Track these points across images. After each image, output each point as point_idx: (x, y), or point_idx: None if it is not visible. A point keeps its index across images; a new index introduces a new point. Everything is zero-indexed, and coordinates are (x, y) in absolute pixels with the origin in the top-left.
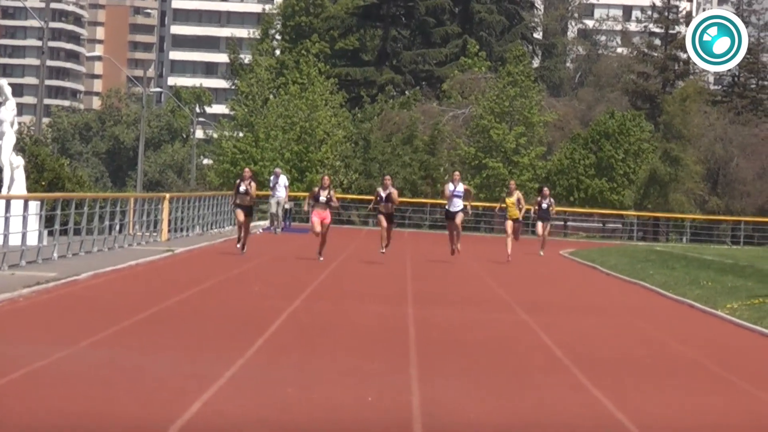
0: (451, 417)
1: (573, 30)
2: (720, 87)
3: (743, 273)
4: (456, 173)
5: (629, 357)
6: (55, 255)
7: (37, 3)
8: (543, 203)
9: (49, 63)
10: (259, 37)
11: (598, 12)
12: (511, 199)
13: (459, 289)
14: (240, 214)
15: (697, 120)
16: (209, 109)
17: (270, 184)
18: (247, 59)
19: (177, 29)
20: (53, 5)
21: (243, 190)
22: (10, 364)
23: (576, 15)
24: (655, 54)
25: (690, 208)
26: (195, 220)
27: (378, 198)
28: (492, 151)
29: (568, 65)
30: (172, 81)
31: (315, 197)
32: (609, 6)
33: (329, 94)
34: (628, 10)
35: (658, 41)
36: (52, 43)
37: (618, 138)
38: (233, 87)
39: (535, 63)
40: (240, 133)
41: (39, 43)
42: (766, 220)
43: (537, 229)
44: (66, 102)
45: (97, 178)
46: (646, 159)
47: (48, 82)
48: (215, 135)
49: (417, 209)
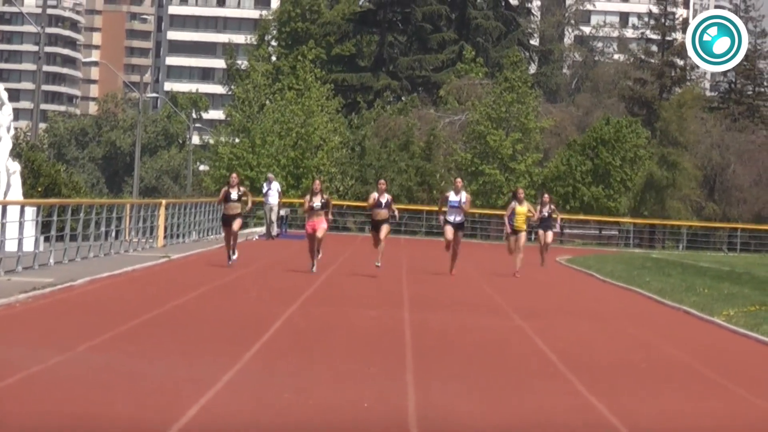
0: (447, 421)
1: (570, 36)
2: (717, 93)
3: (740, 280)
4: (458, 180)
5: (625, 362)
6: (52, 261)
7: (34, 8)
8: (544, 211)
9: (46, 68)
10: (256, 43)
11: (594, 18)
12: (523, 209)
13: (454, 294)
14: (228, 227)
15: (694, 126)
16: (206, 115)
17: (263, 190)
18: (244, 65)
19: (173, 35)
20: (50, 11)
21: (235, 196)
22: (7, 368)
23: (573, 21)
24: (652, 60)
25: (686, 214)
26: (191, 226)
27: (375, 203)
28: (488, 158)
29: (564, 71)
30: (168, 86)
31: (310, 205)
32: (606, 13)
33: (325, 99)
34: (624, 16)
35: (654, 48)
36: (48, 49)
37: (614, 144)
38: (230, 93)
39: (532, 69)
40: (236, 139)
41: (36, 48)
42: (762, 227)
43: (539, 237)
44: (62, 107)
45: (94, 183)
46: (642, 165)
47: (44, 87)
48: (212, 141)
49: (413, 216)
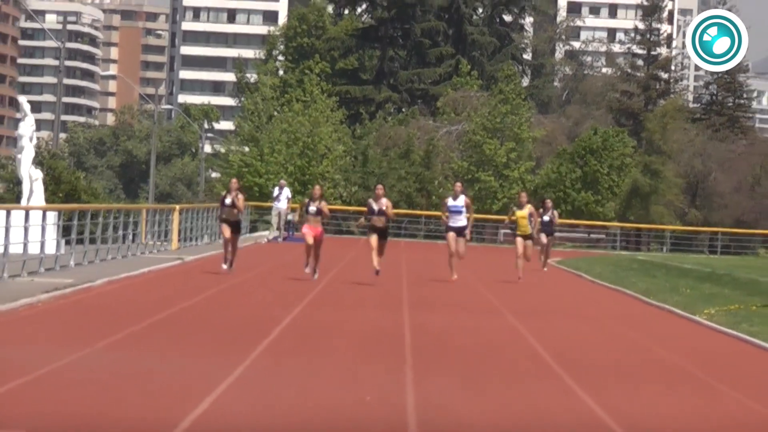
0: (445, 417)
1: (560, 51)
2: (699, 105)
3: (720, 281)
4: (458, 184)
5: (612, 360)
6: (72, 263)
7: (55, 24)
8: (545, 216)
9: (66, 81)
10: (264, 58)
11: (584, 34)
12: (523, 213)
13: (452, 296)
14: (226, 229)
15: (677, 136)
16: (217, 126)
17: (273, 194)
18: (253, 78)
19: (187, 50)
20: (70, 27)
21: (229, 202)
22: (29, 364)
23: (563, 37)
24: (638, 74)
25: (670, 219)
26: (203, 230)
27: (369, 211)
28: (484, 165)
29: (555, 84)
30: (182, 99)
31: (305, 208)
32: (594, 29)
33: (330, 111)
34: (612, 32)
35: (640, 62)
36: (68, 63)
37: (602, 153)
38: (239, 104)
39: (525, 82)
40: (246, 148)
41: (56, 63)
42: (742, 231)
43: (539, 241)
44: (82, 118)
45: (111, 189)
46: (628, 173)
47: (65, 99)
48: (222, 149)
49: (412, 220)
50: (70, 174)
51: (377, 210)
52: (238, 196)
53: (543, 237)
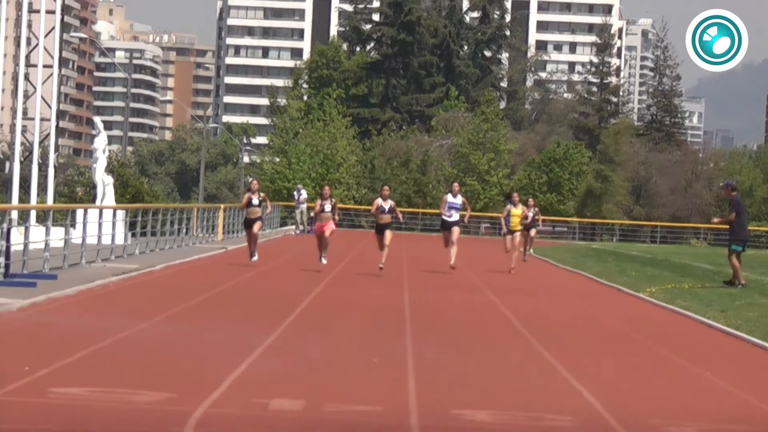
0: (438, 372)
1: (530, 80)
2: (642, 123)
3: (660, 265)
4: (455, 184)
5: (570, 327)
6: (137, 251)
7: (123, 59)
8: (529, 213)
9: (132, 105)
10: (292, 86)
11: (549, 66)
12: (518, 211)
13: (443, 278)
14: (249, 229)
15: (625, 148)
16: (254, 140)
17: (294, 197)
18: (283, 102)
19: (229, 80)
20: (135, 61)
21: (256, 203)
22: (102, 333)
23: (533, 69)
24: (593, 98)
25: (619, 215)
26: (243, 225)
27: (380, 209)
28: (469, 172)
29: (526, 107)
30: (225, 119)
31: (321, 209)
32: (558, 62)
33: (345, 128)
34: (572, 65)
35: (595, 89)
36: (134, 90)
37: (564, 162)
38: (272, 123)
39: (502, 105)
40: (277, 158)
41: (124, 90)
42: (677, 225)
43: (523, 235)
44: (145, 134)
45: (169, 192)
46: (585, 178)
47: (131, 119)
48: (258, 160)
49: (411, 217)
50: (135, 180)
51: (387, 209)
52: (261, 195)
53: (532, 231)
